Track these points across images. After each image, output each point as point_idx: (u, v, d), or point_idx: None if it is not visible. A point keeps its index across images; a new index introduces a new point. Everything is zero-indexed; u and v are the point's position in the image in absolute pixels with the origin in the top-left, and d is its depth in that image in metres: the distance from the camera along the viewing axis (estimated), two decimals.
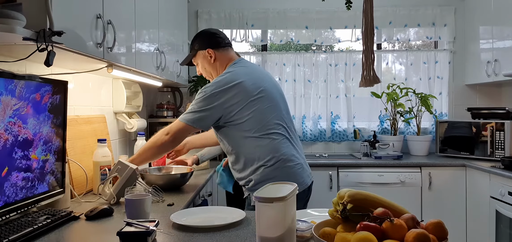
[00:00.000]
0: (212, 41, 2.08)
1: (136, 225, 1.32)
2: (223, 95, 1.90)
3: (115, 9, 1.90)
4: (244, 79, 1.93)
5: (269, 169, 1.92)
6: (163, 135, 1.95)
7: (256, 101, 1.92)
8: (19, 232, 1.30)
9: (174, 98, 3.74)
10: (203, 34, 2.12)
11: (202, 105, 1.92)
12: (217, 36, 2.11)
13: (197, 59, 2.12)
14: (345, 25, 3.96)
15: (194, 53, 2.11)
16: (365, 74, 2.27)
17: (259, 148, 1.93)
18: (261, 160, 1.93)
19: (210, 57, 2.06)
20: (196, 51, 2.10)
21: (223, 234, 1.39)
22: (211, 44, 2.07)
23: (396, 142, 3.72)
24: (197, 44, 2.09)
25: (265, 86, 1.98)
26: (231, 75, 1.94)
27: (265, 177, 1.91)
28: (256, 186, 1.92)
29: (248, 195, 2.04)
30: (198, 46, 2.09)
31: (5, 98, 1.37)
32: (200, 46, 2.08)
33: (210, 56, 2.06)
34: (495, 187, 2.92)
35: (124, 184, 1.85)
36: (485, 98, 3.97)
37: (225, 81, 1.92)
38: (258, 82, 1.97)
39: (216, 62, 2.07)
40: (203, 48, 2.07)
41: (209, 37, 2.09)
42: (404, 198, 3.27)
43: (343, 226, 1.14)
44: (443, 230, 1.05)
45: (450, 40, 3.97)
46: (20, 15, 1.21)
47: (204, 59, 2.08)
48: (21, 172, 1.47)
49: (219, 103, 1.90)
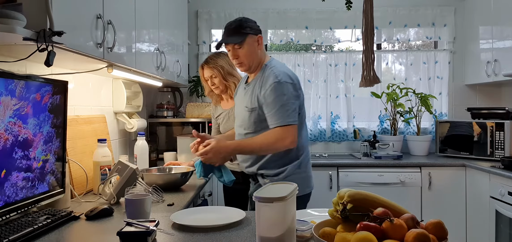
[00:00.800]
0: (259, 28, 2.06)
1: (136, 225, 1.33)
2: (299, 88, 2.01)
3: (115, 9, 1.90)
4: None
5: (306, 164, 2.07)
6: (284, 142, 1.91)
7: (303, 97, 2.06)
8: (19, 232, 1.31)
9: (174, 98, 3.74)
10: (251, 20, 2.05)
11: (290, 99, 1.93)
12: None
13: (245, 43, 2.00)
14: (345, 25, 3.96)
15: (245, 36, 1.99)
16: (365, 74, 2.27)
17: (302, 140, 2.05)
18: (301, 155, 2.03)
19: (258, 44, 2.03)
20: (247, 34, 1.99)
21: (223, 234, 1.39)
22: (259, 31, 2.05)
23: (396, 142, 3.72)
24: (249, 28, 2.00)
25: None
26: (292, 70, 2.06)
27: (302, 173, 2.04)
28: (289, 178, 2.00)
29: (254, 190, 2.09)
30: (250, 30, 2.00)
31: (5, 98, 1.37)
32: (253, 31, 2.01)
33: (258, 43, 2.03)
34: (495, 187, 2.92)
35: (124, 184, 1.85)
36: (485, 98, 3.97)
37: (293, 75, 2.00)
38: None
39: (261, 51, 2.05)
40: (254, 33, 2.01)
41: (256, 24, 2.06)
42: (404, 198, 3.27)
43: (343, 226, 1.14)
44: (443, 230, 1.05)
45: (450, 40, 3.97)
46: (20, 15, 1.21)
47: (252, 44, 2.01)
48: (21, 172, 1.47)
49: (299, 94, 2.00)
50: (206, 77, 2.64)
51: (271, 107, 1.92)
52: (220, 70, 2.57)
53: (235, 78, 2.63)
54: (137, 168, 1.91)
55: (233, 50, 2.02)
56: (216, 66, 2.58)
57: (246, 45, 1.99)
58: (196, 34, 4.02)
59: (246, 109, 2.01)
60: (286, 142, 1.91)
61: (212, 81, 2.62)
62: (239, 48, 2.00)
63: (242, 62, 2.03)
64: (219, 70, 2.57)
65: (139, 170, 1.94)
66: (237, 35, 1.99)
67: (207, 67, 2.61)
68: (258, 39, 2.02)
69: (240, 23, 2.00)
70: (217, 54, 2.67)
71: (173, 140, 3.39)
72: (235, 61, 2.05)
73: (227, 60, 2.66)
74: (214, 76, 2.59)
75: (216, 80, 2.60)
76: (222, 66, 2.59)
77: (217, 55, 2.65)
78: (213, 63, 2.59)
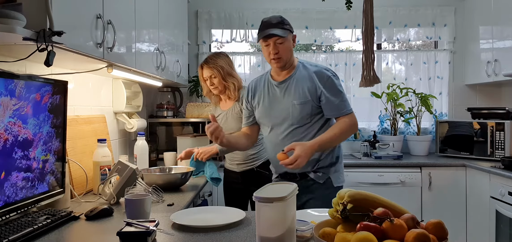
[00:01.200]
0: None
1: (136, 225, 1.33)
2: None
3: (115, 9, 1.90)
4: None
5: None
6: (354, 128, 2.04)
7: None
8: (19, 232, 1.30)
9: (174, 98, 3.74)
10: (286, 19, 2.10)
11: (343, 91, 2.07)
12: None
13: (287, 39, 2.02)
14: (345, 25, 3.96)
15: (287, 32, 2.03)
16: (365, 74, 2.27)
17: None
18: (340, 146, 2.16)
19: (293, 43, 2.08)
20: (289, 31, 2.04)
21: (223, 234, 1.39)
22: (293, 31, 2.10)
23: (396, 142, 3.72)
24: (289, 26, 2.05)
25: None
26: None
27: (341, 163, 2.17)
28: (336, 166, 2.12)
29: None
30: (290, 27, 2.05)
31: (5, 98, 1.37)
32: (291, 29, 2.07)
33: (293, 41, 2.08)
34: (495, 187, 2.91)
35: (124, 184, 1.85)
36: (485, 98, 3.96)
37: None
38: None
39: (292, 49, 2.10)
40: (292, 32, 2.07)
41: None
42: (404, 198, 3.27)
43: (343, 226, 1.14)
44: (443, 230, 1.05)
45: (450, 40, 3.97)
46: (20, 15, 1.21)
47: (290, 42, 2.06)
48: (21, 172, 1.47)
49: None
50: (205, 77, 2.64)
51: (336, 97, 2.01)
52: (219, 71, 2.57)
53: (235, 79, 2.62)
54: (137, 168, 1.91)
55: (274, 44, 2.00)
56: (216, 66, 2.57)
57: (287, 41, 2.02)
58: (196, 34, 4.02)
59: (295, 104, 2.02)
60: (355, 127, 2.03)
61: (211, 81, 2.61)
62: (280, 43, 2.00)
63: (280, 57, 2.01)
64: (218, 70, 2.57)
65: (139, 170, 1.94)
66: (281, 29, 2.00)
67: (206, 67, 2.60)
68: (293, 37, 2.08)
69: (282, 19, 2.04)
70: (217, 54, 2.66)
71: (173, 140, 3.39)
72: (272, 56, 2.01)
73: (227, 61, 2.66)
74: (213, 76, 2.59)
75: (216, 81, 2.59)
76: (222, 67, 2.58)
77: (217, 55, 2.65)
78: (212, 63, 2.58)
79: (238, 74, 2.70)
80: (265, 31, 1.99)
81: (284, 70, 2.09)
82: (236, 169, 2.70)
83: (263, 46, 2.03)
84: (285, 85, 2.08)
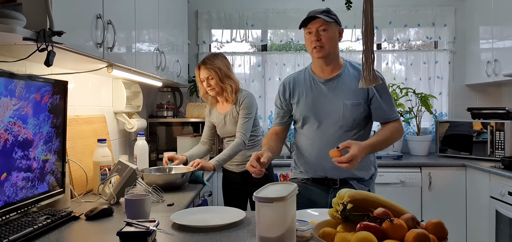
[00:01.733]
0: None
1: (136, 225, 1.32)
2: None
3: (115, 9, 1.90)
4: None
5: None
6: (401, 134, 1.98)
7: None
8: (19, 232, 1.30)
9: (174, 98, 3.74)
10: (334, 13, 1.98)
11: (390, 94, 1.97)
12: None
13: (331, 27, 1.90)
14: (345, 25, 3.96)
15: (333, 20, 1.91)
16: (365, 74, 2.27)
17: None
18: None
19: (339, 36, 1.96)
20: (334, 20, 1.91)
21: (223, 234, 1.39)
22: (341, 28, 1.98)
23: (396, 142, 3.71)
24: (335, 16, 1.93)
25: None
26: None
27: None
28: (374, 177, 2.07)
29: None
30: (336, 18, 1.93)
31: (5, 98, 1.37)
32: (338, 21, 1.94)
33: (340, 35, 1.96)
34: (495, 187, 2.91)
35: (124, 184, 1.85)
36: (485, 98, 3.96)
37: None
38: None
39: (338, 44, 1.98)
40: (339, 24, 1.95)
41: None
42: (404, 198, 3.27)
43: (343, 226, 1.14)
44: (443, 230, 1.05)
45: (450, 40, 3.97)
46: (20, 15, 1.21)
47: (335, 32, 1.93)
48: (21, 172, 1.47)
49: None
50: (202, 78, 2.61)
51: (388, 101, 1.92)
52: (217, 72, 2.54)
53: (232, 81, 2.59)
54: (137, 168, 1.91)
55: (317, 32, 1.88)
56: (214, 67, 2.54)
57: (331, 30, 1.89)
58: (196, 34, 4.02)
59: (347, 104, 1.88)
60: (401, 134, 1.97)
61: (208, 83, 2.58)
62: (324, 30, 1.88)
63: (323, 46, 1.88)
64: (216, 71, 2.54)
65: (139, 170, 1.93)
66: (326, 16, 1.89)
67: (204, 68, 2.58)
68: (340, 31, 1.95)
69: (328, 9, 1.94)
70: (214, 55, 2.64)
71: (173, 140, 3.39)
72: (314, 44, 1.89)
73: (225, 62, 2.63)
74: (210, 77, 2.56)
75: (213, 82, 2.57)
76: (220, 68, 2.55)
77: (214, 56, 2.62)
78: (210, 64, 2.56)
79: (235, 76, 2.69)
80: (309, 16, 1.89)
81: (329, 65, 1.94)
82: (235, 169, 2.69)
83: (306, 35, 1.92)
84: (333, 84, 1.93)
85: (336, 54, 1.96)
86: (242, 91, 2.64)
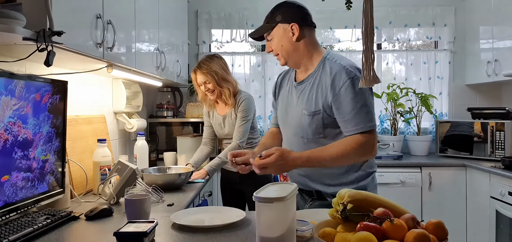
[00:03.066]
0: (298, 15, 1.71)
1: (136, 225, 1.32)
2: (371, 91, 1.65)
3: (115, 9, 1.90)
4: None
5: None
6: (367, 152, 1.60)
7: None
8: (19, 232, 1.30)
9: (174, 98, 3.74)
10: (289, 4, 1.75)
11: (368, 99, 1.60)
12: (305, 11, 1.75)
13: (274, 33, 1.72)
14: (345, 25, 3.96)
15: (273, 24, 1.71)
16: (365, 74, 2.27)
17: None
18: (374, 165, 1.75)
19: (293, 35, 1.68)
20: (276, 22, 1.70)
21: (223, 234, 1.39)
22: (296, 19, 1.69)
23: (396, 142, 3.72)
24: (279, 15, 1.70)
25: None
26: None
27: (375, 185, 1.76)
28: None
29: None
30: (281, 17, 1.70)
31: (5, 98, 1.37)
32: (284, 18, 1.69)
33: (293, 33, 1.68)
34: (495, 187, 2.91)
35: (124, 184, 1.85)
36: (485, 98, 3.96)
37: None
38: None
39: (299, 42, 1.69)
40: (286, 21, 1.69)
41: (295, 10, 1.73)
42: (404, 198, 3.27)
43: (343, 226, 1.14)
44: (443, 230, 1.05)
45: (450, 40, 3.97)
46: (20, 15, 1.21)
47: (284, 35, 1.69)
48: (21, 172, 1.47)
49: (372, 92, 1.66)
50: (199, 83, 2.58)
51: (349, 110, 1.57)
52: (213, 76, 2.50)
53: (230, 83, 2.56)
54: (137, 168, 1.91)
55: (267, 42, 1.76)
56: (210, 71, 2.50)
57: (275, 35, 1.71)
58: (196, 34, 4.02)
59: (305, 114, 1.66)
60: (368, 152, 1.60)
61: (206, 87, 2.55)
62: (270, 40, 1.73)
63: (278, 54, 1.74)
64: (212, 76, 2.50)
65: (139, 170, 1.93)
66: (266, 24, 1.74)
67: (200, 73, 2.54)
68: (292, 27, 1.68)
69: (273, 10, 1.74)
70: (210, 58, 2.58)
71: (173, 140, 3.39)
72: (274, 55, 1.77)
73: (221, 64, 2.56)
74: (207, 82, 2.53)
75: (210, 86, 2.54)
76: (216, 72, 2.51)
77: (210, 59, 2.57)
78: (206, 68, 2.51)
79: (234, 77, 2.66)
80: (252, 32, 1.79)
81: (299, 68, 1.75)
82: (234, 170, 2.69)
83: None
84: (301, 88, 1.72)
85: (301, 53, 1.71)
86: (241, 93, 2.62)
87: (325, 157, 1.57)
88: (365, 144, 1.56)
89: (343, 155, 1.56)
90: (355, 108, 1.57)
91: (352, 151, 1.56)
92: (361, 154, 1.59)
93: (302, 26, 1.70)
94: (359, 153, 1.58)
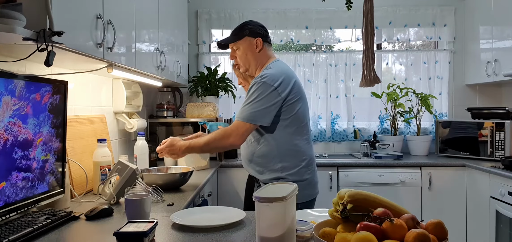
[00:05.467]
0: (262, 32, 2.11)
1: (136, 225, 1.32)
2: (285, 89, 1.94)
3: (115, 9, 1.90)
4: (296, 78, 2.03)
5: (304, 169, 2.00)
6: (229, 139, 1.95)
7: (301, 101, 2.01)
8: (19, 232, 1.30)
9: (174, 98, 3.74)
10: (255, 23, 2.12)
11: (262, 99, 1.91)
12: (266, 30, 2.15)
13: (240, 44, 2.09)
14: (345, 25, 3.96)
15: (241, 37, 2.08)
16: (365, 74, 2.27)
17: (295, 147, 1.99)
18: (297, 158, 1.99)
19: (256, 47, 2.07)
20: (244, 35, 2.08)
21: (223, 234, 1.39)
22: (261, 35, 2.09)
23: (396, 142, 3.72)
24: (247, 30, 2.07)
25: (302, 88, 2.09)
26: (288, 71, 2.02)
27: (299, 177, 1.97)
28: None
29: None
30: (249, 32, 2.07)
31: (5, 98, 1.37)
32: (251, 33, 2.08)
33: (256, 46, 2.07)
34: (495, 187, 2.91)
35: (124, 184, 1.85)
36: (485, 98, 3.96)
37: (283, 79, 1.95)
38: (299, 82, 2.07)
39: (260, 53, 2.08)
40: (253, 35, 2.08)
41: (260, 28, 2.11)
42: (404, 198, 3.27)
43: (343, 226, 1.14)
44: (443, 230, 1.05)
45: (450, 40, 3.97)
46: (20, 15, 1.21)
47: (250, 46, 2.08)
48: (21, 172, 1.47)
49: (282, 98, 1.93)
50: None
51: (244, 103, 1.96)
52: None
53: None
54: (137, 168, 1.91)
55: (232, 51, 2.14)
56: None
57: (241, 46, 2.08)
58: (196, 34, 4.02)
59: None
60: (230, 139, 1.93)
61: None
62: (236, 49, 2.10)
63: (238, 63, 2.13)
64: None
65: (139, 170, 1.93)
66: (234, 36, 2.09)
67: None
68: (257, 42, 2.06)
69: (242, 25, 2.09)
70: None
71: None
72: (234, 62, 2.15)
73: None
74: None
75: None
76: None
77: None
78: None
79: None
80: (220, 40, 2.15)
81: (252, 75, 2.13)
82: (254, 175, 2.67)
83: None
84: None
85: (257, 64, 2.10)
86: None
87: (198, 142, 2.02)
88: (229, 132, 1.93)
89: (210, 140, 1.97)
90: (247, 102, 1.93)
91: (219, 136, 1.95)
92: (223, 140, 1.94)
93: (264, 41, 2.09)
94: (222, 140, 1.94)
